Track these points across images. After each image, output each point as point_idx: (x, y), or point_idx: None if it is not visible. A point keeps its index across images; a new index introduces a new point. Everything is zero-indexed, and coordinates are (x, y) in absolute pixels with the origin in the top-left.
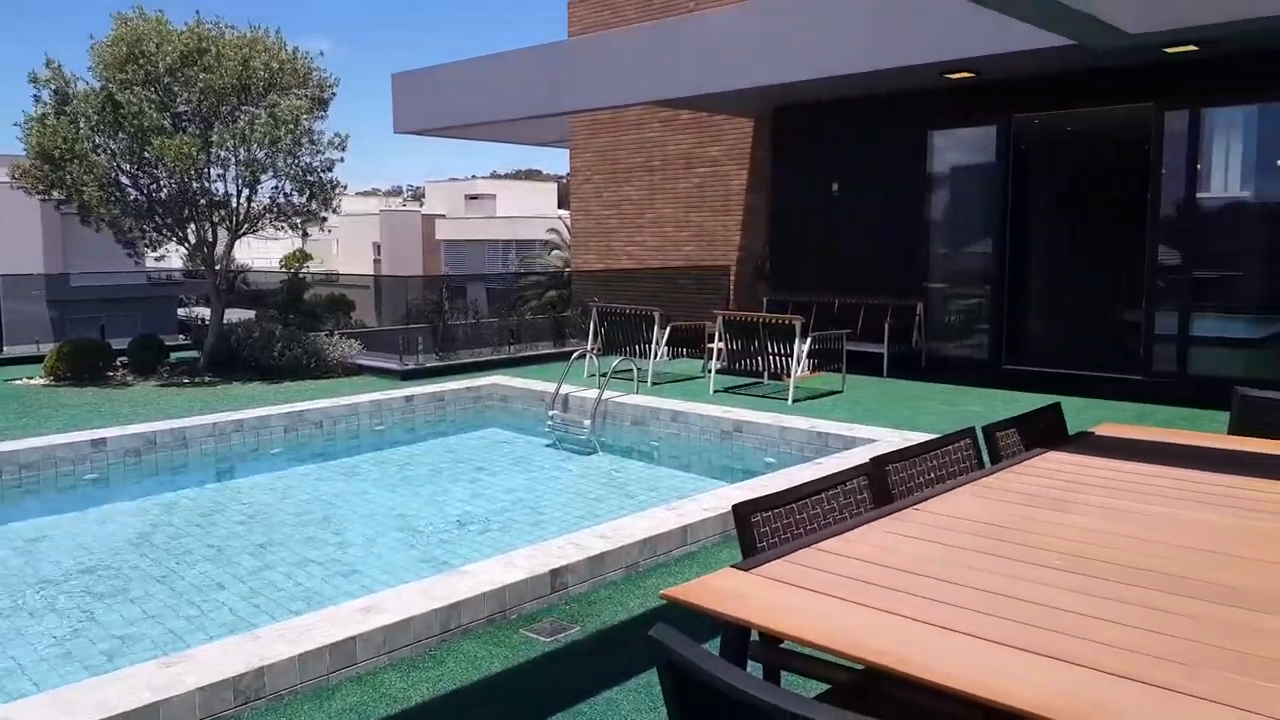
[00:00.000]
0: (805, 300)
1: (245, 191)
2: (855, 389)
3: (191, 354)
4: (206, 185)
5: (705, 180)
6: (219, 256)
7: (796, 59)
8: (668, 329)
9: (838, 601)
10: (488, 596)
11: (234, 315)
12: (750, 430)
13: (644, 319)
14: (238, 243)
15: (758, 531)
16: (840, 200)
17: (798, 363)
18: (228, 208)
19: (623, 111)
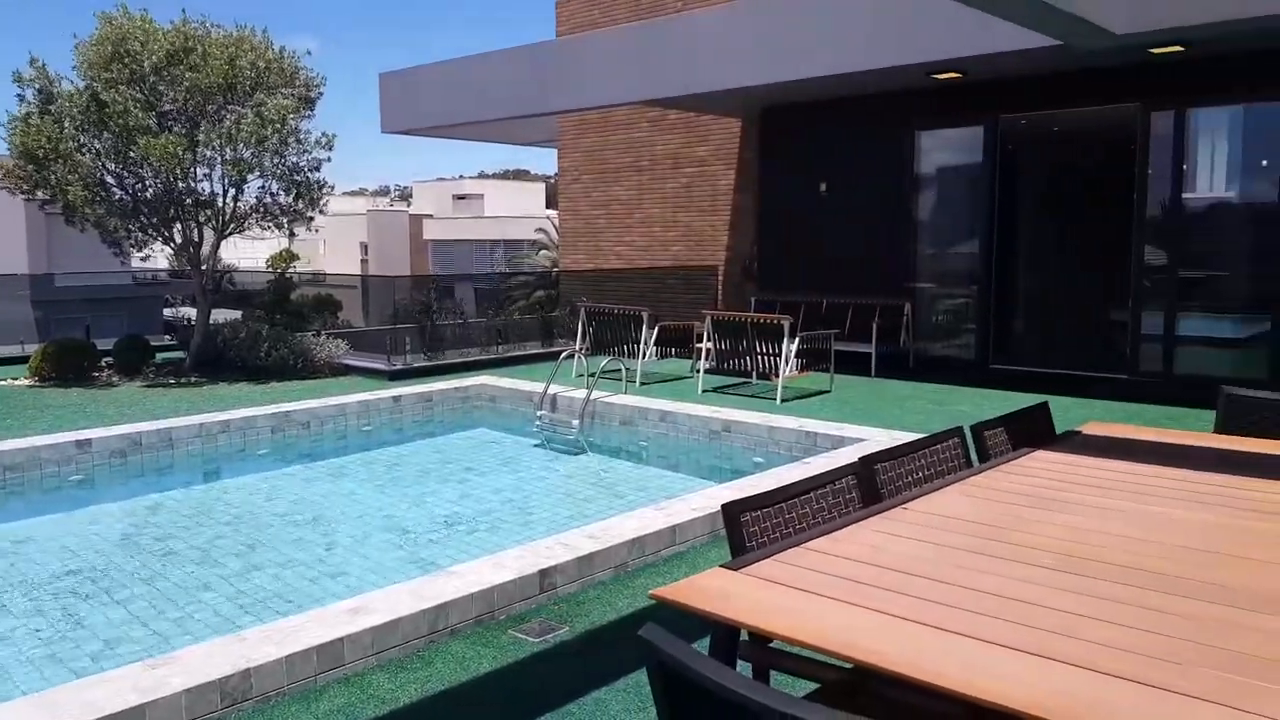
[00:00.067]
0: (793, 300)
1: (231, 191)
2: (843, 389)
3: (177, 354)
4: (192, 185)
5: (693, 180)
6: (205, 256)
7: (784, 59)
8: (656, 329)
9: (827, 601)
10: (476, 597)
11: (220, 315)
12: (739, 430)
13: (632, 319)
14: (224, 243)
15: (747, 531)
16: (828, 200)
17: (786, 362)
18: (214, 207)
19: (611, 111)
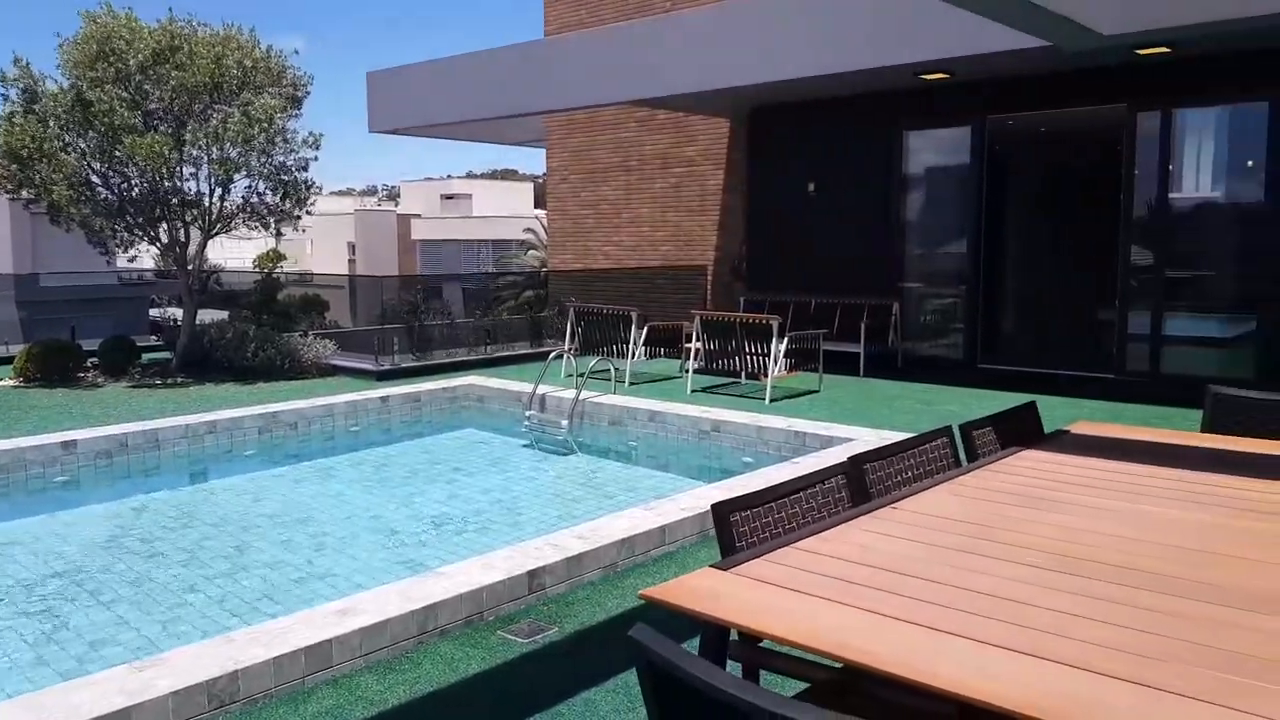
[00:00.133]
0: (782, 300)
1: (218, 191)
2: (832, 388)
3: (164, 355)
4: (178, 184)
5: (682, 180)
6: (191, 256)
7: (772, 59)
8: (645, 329)
9: (817, 600)
10: (465, 598)
11: (207, 316)
12: (728, 430)
13: (621, 319)
14: (211, 242)
15: (736, 531)
16: (816, 200)
17: (775, 362)
18: (200, 207)
19: (598, 111)
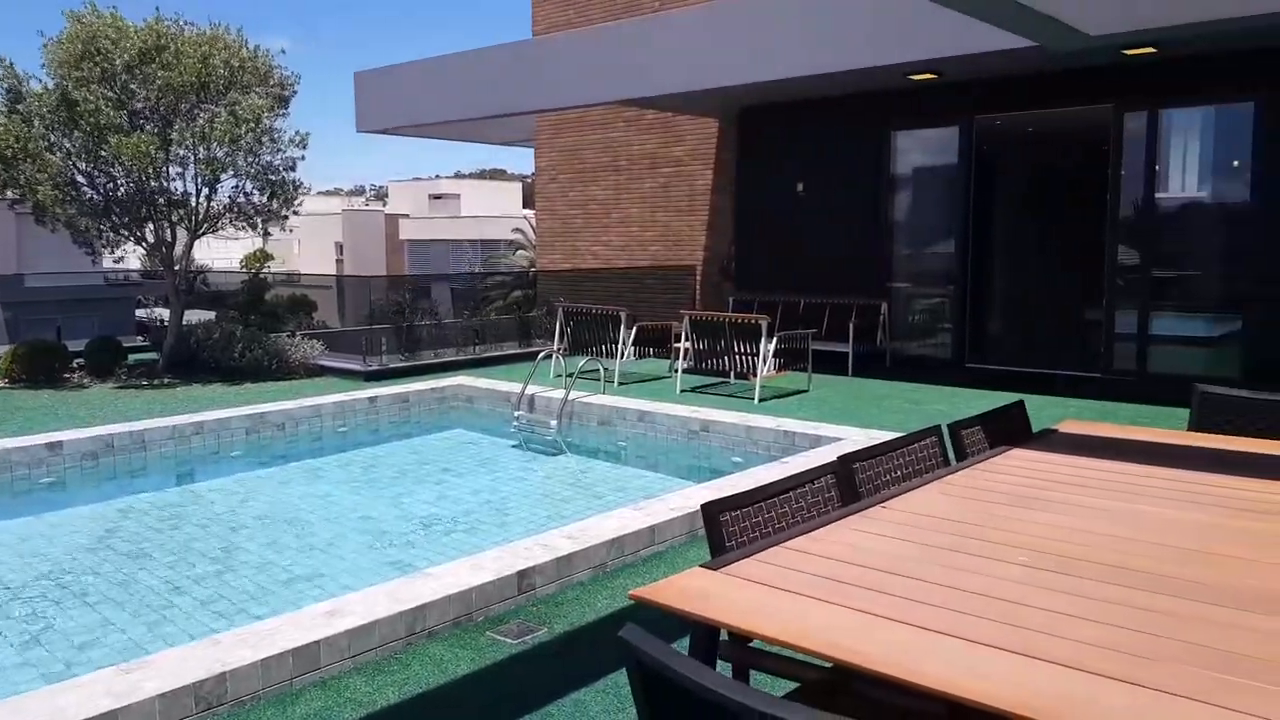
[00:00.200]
0: (771, 300)
1: (205, 190)
2: (821, 388)
3: (150, 355)
4: (165, 184)
5: (670, 180)
6: (178, 256)
7: (761, 59)
8: (634, 329)
9: (807, 600)
10: (454, 599)
11: (194, 316)
12: (717, 430)
13: (610, 319)
14: (197, 242)
15: (726, 531)
16: (805, 200)
17: (764, 362)
18: (187, 207)
19: (587, 111)
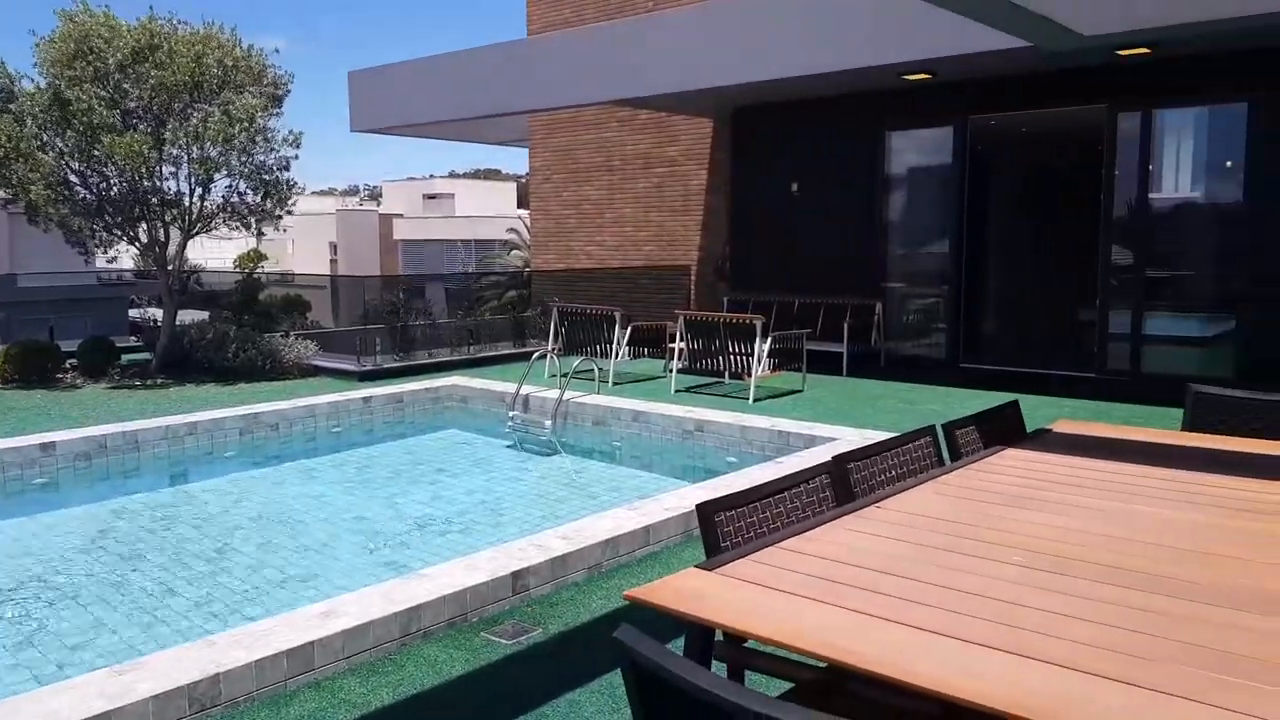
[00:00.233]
0: (765, 300)
1: (198, 190)
2: (815, 388)
3: (143, 356)
4: (158, 184)
5: (664, 180)
6: (171, 256)
7: (755, 59)
8: (629, 329)
9: (802, 600)
10: (448, 599)
11: (187, 316)
12: (712, 430)
13: (605, 319)
14: (191, 242)
15: (721, 531)
16: (800, 200)
17: (758, 362)
18: (180, 207)
19: (581, 111)
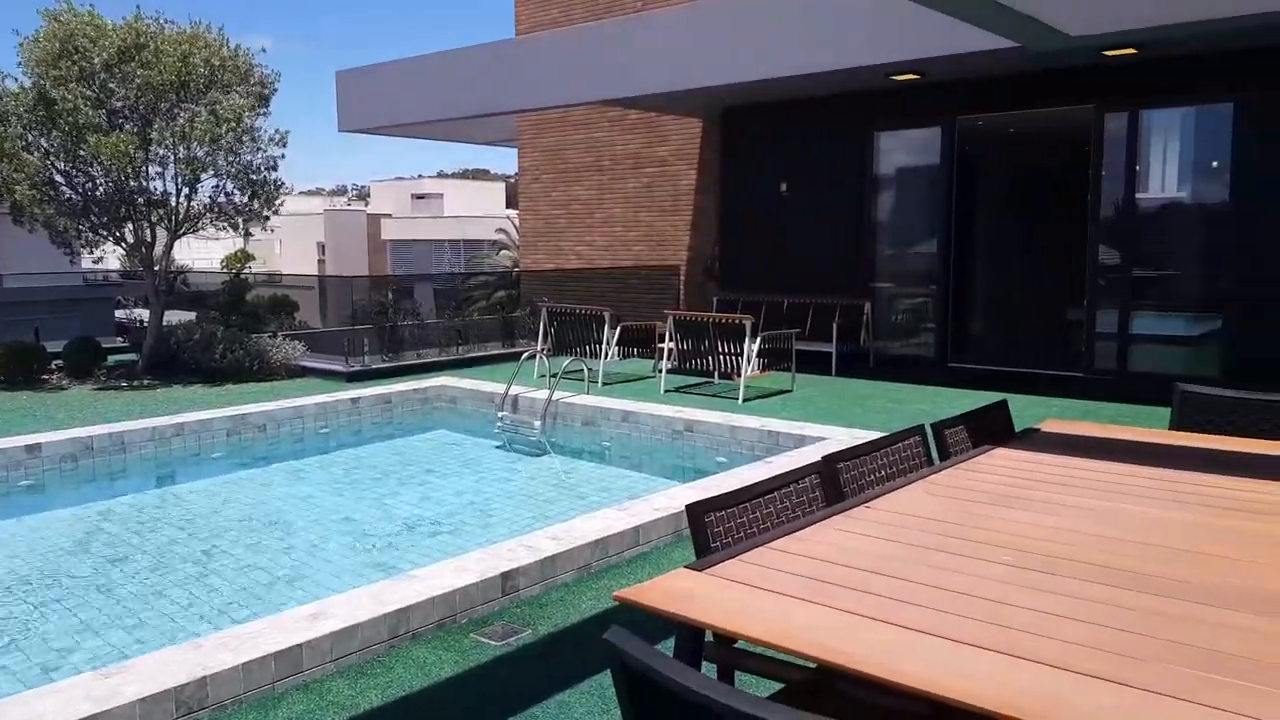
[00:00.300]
0: (755, 300)
1: (185, 190)
2: (805, 388)
3: (130, 357)
4: (144, 184)
5: (654, 180)
6: (158, 257)
7: (744, 60)
8: (618, 329)
9: (792, 600)
10: (437, 601)
11: (174, 317)
12: (701, 430)
13: (594, 319)
14: (177, 243)
15: (711, 531)
16: (789, 200)
17: (748, 362)
18: (166, 207)
19: (570, 111)
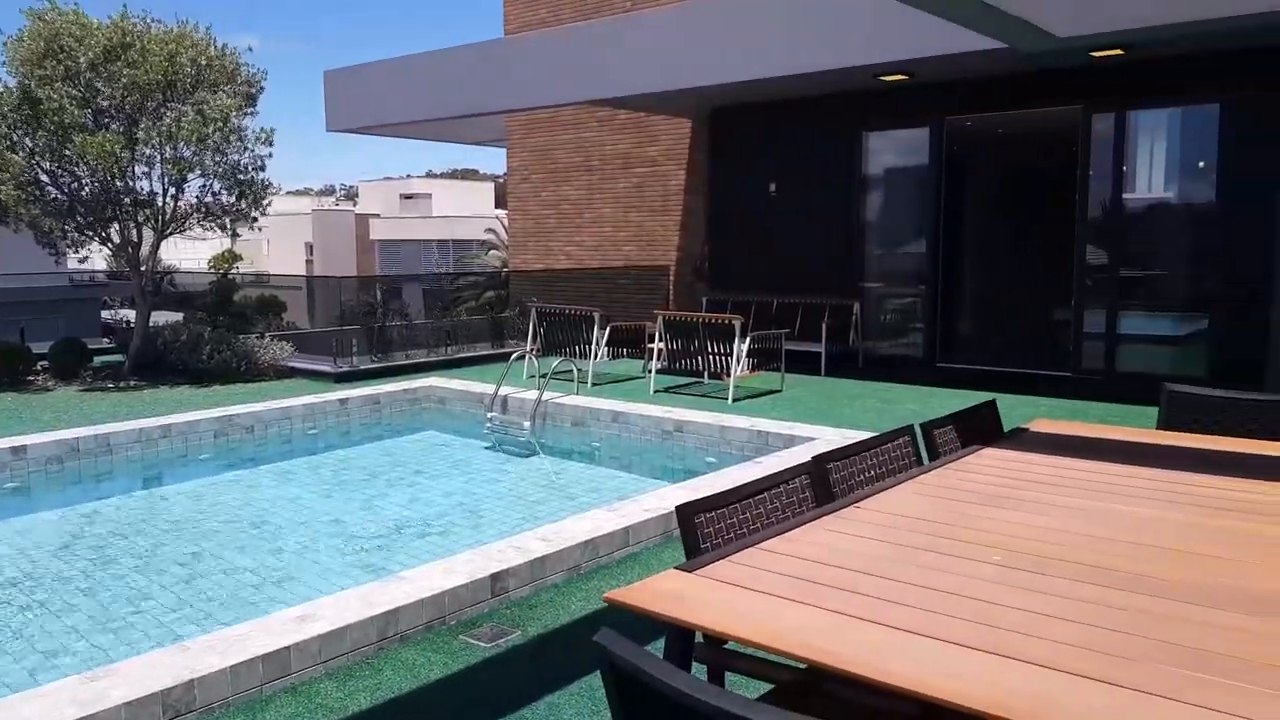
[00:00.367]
0: (744, 300)
1: (172, 190)
2: (794, 388)
3: (116, 358)
4: (131, 184)
5: (644, 180)
6: (144, 257)
7: (733, 60)
8: (608, 329)
9: (781, 601)
10: (426, 603)
11: (161, 317)
12: (691, 430)
13: (584, 319)
14: (164, 243)
15: (701, 532)
16: (778, 201)
17: (737, 362)
18: (153, 207)
19: (559, 111)
